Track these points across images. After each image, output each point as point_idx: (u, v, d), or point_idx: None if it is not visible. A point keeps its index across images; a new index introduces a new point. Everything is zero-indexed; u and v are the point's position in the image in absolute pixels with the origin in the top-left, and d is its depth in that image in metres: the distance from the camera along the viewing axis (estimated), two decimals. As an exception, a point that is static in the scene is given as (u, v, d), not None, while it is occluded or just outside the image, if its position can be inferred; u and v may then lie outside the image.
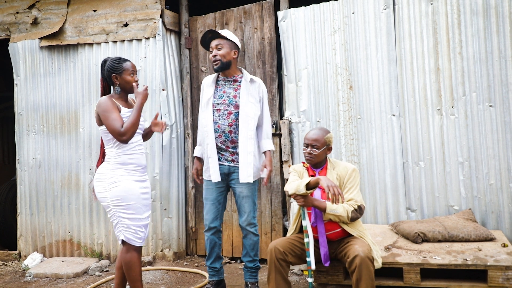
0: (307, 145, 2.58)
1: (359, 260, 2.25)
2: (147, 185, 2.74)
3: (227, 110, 2.91)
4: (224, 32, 2.92)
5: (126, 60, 2.71)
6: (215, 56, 2.88)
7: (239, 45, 3.00)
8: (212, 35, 2.93)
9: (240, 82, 2.96)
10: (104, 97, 2.65)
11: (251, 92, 2.92)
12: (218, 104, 2.93)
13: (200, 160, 3.10)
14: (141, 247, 2.69)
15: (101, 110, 2.58)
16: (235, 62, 2.96)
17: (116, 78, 2.67)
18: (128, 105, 2.73)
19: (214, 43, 2.91)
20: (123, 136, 2.55)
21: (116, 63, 2.68)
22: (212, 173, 2.91)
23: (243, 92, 2.91)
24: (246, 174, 2.86)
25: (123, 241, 2.64)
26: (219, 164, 2.93)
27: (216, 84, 3.01)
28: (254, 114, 2.91)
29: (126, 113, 2.63)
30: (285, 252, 2.47)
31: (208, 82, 3.03)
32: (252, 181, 2.90)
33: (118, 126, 2.54)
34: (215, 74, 3.04)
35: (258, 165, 2.97)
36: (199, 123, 3.07)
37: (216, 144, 2.92)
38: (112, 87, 2.74)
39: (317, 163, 2.60)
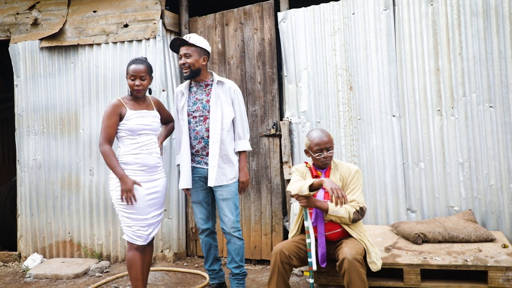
0: (321, 150, 2.52)
1: (347, 263, 2.25)
2: (156, 184, 2.76)
3: (202, 116, 2.90)
4: (192, 39, 2.85)
5: (133, 62, 2.74)
6: (184, 64, 2.86)
7: (209, 50, 2.95)
8: (180, 42, 2.88)
9: (212, 86, 2.94)
10: (113, 99, 2.73)
11: (220, 95, 2.89)
12: (193, 111, 2.92)
13: None
14: (145, 246, 2.71)
15: (104, 112, 2.68)
16: (204, 68, 2.93)
17: (126, 79, 2.76)
18: (140, 106, 2.77)
19: (182, 50, 2.87)
20: (99, 147, 2.65)
21: (128, 64, 2.76)
22: (181, 179, 2.90)
23: (213, 96, 2.89)
24: (209, 177, 2.84)
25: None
26: (199, 168, 2.92)
27: (189, 91, 2.99)
28: (224, 116, 2.87)
29: (131, 115, 2.68)
30: (290, 255, 2.46)
31: (181, 90, 3.01)
32: (213, 185, 2.84)
33: (102, 137, 2.63)
34: (187, 81, 3.02)
35: (233, 167, 2.92)
36: (175, 131, 3.07)
37: (197, 150, 2.92)
38: None
39: None
